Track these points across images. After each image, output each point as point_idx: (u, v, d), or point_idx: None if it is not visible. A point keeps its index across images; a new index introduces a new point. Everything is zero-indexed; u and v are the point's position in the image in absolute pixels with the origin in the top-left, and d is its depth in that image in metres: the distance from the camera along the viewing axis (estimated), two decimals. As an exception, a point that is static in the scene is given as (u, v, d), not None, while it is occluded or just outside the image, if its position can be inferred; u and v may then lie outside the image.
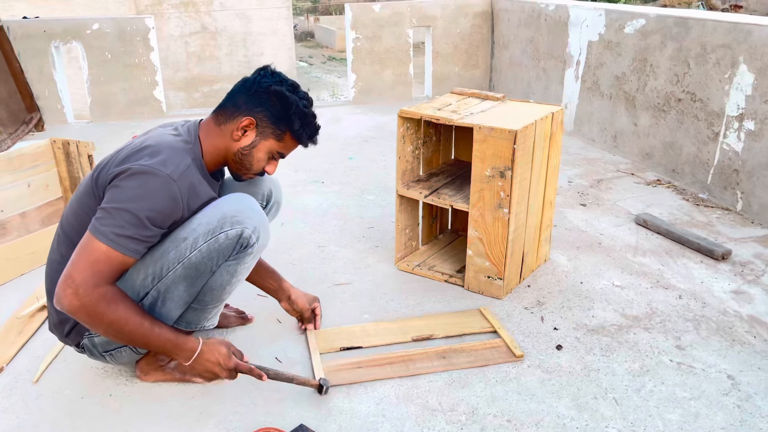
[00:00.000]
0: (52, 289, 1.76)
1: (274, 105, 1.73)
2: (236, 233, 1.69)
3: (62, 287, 1.53)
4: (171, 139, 1.69)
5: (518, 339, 2.15)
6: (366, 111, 5.63)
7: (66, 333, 1.77)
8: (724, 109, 3.28)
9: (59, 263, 1.73)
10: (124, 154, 1.64)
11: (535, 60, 5.25)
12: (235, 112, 1.75)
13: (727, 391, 1.89)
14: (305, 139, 1.81)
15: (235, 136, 1.75)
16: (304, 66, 12.11)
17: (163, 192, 1.58)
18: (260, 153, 1.78)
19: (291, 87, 1.77)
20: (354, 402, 1.84)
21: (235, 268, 1.77)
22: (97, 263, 1.54)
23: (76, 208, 1.71)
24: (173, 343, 1.68)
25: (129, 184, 1.57)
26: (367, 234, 3.02)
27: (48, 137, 2.88)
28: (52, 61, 5.07)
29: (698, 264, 2.68)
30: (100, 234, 1.54)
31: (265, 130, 1.76)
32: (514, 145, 2.18)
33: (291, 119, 1.75)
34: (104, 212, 1.56)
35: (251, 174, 1.84)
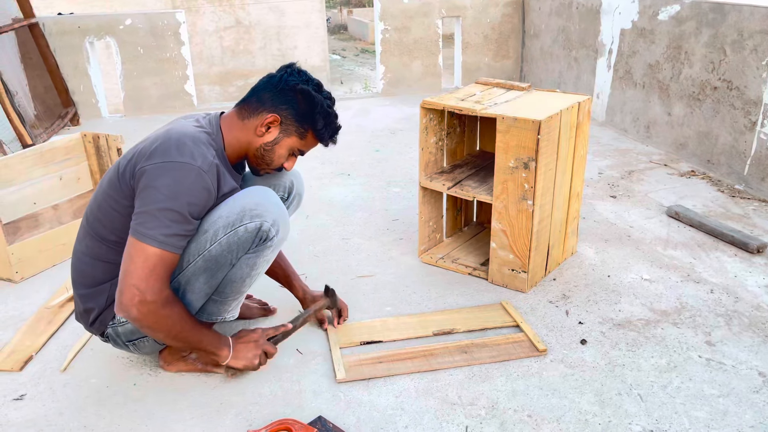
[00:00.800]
0: (78, 278, 1.80)
1: (299, 103, 1.75)
2: (255, 226, 1.70)
3: (128, 297, 1.56)
4: (193, 131, 1.70)
5: (542, 333, 2.12)
6: (395, 103, 5.61)
7: (91, 322, 1.81)
8: (761, 98, 3.17)
9: (84, 254, 1.77)
10: (149, 148, 1.65)
11: (566, 49, 5.15)
12: (259, 107, 1.76)
13: (757, 389, 1.83)
14: (326, 139, 1.83)
15: (258, 131, 1.76)
16: (337, 59, 12.13)
17: (198, 184, 1.61)
18: (282, 149, 1.80)
19: (316, 86, 1.79)
20: (373, 395, 1.83)
21: (254, 261, 1.78)
22: (155, 268, 1.57)
23: (100, 200, 1.74)
24: (217, 340, 1.79)
25: (164, 182, 1.58)
26: (391, 226, 3.01)
27: (83, 131, 2.94)
28: (87, 57, 5.17)
29: (732, 257, 2.60)
30: (149, 239, 1.56)
31: (289, 127, 1.77)
32: (538, 136, 2.14)
33: (315, 118, 1.77)
34: (147, 215, 1.57)
35: (270, 169, 1.85)
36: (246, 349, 1.83)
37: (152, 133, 1.75)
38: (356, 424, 1.72)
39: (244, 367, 1.83)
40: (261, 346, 1.85)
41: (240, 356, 1.82)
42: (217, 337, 1.79)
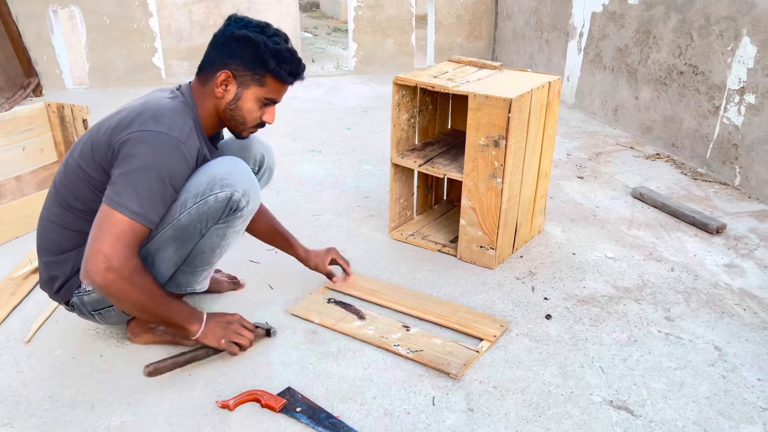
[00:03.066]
0: (43, 245, 1.77)
1: (243, 51, 1.67)
2: (225, 196, 1.69)
3: (93, 263, 1.52)
4: (170, 102, 1.67)
5: (508, 308, 2.16)
6: (366, 81, 5.58)
7: (56, 290, 1.78)
8: (725, 83, 3.24)
9: (50, 221, 1.74)
10: (126, 118, 1.61)
11: (538, 32, 5.18)
12: (211, 68, 1.71)
13: (713, 362, 1.90)
14: (287, 77, 1.72)
15: (217, 93, 1.71)
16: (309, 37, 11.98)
17: (176, 154, 1.59)
18: (247, 104, 1.73)
19: (257, 28, 1.69)
20: (342, 366, 1.85)
21: (224, 232, 1.77)
22: (124, 236, 1.54)
23: (69, 169, 1.70)
24: (187, 313, 1.75)
25: (141, 149, 1.55)
26: (362, 203, 3.02)
27: (46, 101, 2.86)
28: (50, 26, 5.02)
29: (692, 237, 2.68)
30: (122, 207, 1.53)
31: (244, 79, 1.70)
32: (508, 114, 2.17)
33: (265, 60, 1.67)
34: (123, 185, 1.54)
35: (250, 128, 1.79)
36: (218, 328, 1.80)
37: (127, 105, 1.71)
38: (325, 394, 1.74)
39: (214, 344, 1.80)
40: (234, 330, 1.82)
41: (209, 333, 1.79)
42: (189, 311, 1.76)
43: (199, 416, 1.65)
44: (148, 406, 1.68)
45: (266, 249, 2.50)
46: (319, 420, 1.63)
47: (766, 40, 2.97)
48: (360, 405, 1.70)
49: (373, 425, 1.63)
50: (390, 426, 1.63)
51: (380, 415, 1.66)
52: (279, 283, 2.28)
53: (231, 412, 1.66)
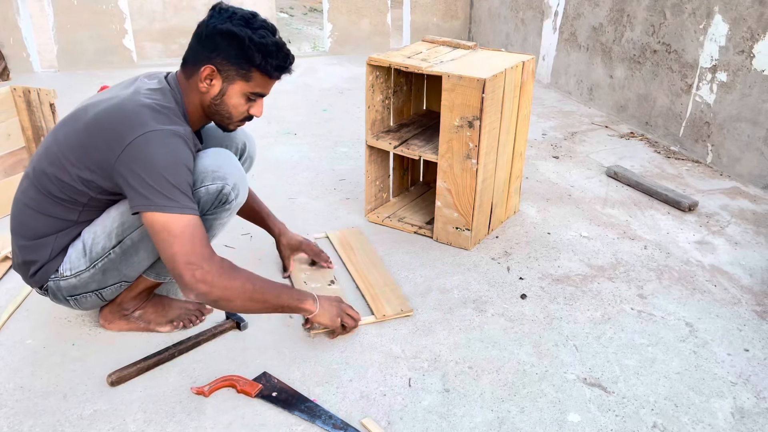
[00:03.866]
0: (18, 229, 1.71)
1: (228, 45, 1.59)
2: (216, 188, 1.67)
3: (188, 275, 1.46)
4: (161, 96, 1.62)
5: (484, 289, 2.17)
6: (342, 62, 5.53)
7: (31, 274, 1.73)
8: (698, 61, 3.27)
9: (26, 206, 1.68)
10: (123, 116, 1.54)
11: (513, 11, 5.16)
12: (195, 62, 1.64)
13: (684, 338, 1.93)
14: (273, 71, 1.65)
15: (201, 87, 1.64)
16: (285, 17, 11.82)
17: (185, 147, 1.56)
18: (232, 99, 1.67)
19: (242, 20, 1.60)
20: (318, 350, 1.85)
21: (211, 223, 1.75)
22: (195, 235, 1.49)
23: (53, 157, 1.61)
24: (297, 293, 1.71)
25: (157, 150, 1.50)
26: (338, 186, 3.00)
27: (12, 85, 2.79)
28: (17, 8, 4.88)
29: (665, 215, 2.71)
30: (174, 208, 1.48)
31: (229, 73, 1.63)
32: (482, 94, 2.16)
33: (250, 55, 1.59)
34: (158, 187, 1.48)
35: (236, 122, 1.73)
36: (333, 308, 1.78)
37: (111, 91, 1.65)
38: (301, 378, 1.73)
39: (329, 323, 1.77)
40: (345, 310, 1.82)
41: (326, 312, 1.76)
42: (297, 290, 1.73)
43: (174, 403, 1.64)
44: (122, 394, 1.66)
45: (241, 234, 2.48)
46: (295, 404, 1.63)
47: (737, 18, 2.99)
48: (336, 388, 1.70)
49: (350, 408, 1.63)
50: (366, 408, 1.63)
51: (356, 398, 1.67)
52: (254, 267, 2.26)
53: (206, 398, 1.65)
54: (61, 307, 1.99)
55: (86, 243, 1.68)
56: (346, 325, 1.82)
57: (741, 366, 1.81)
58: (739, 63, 3.01)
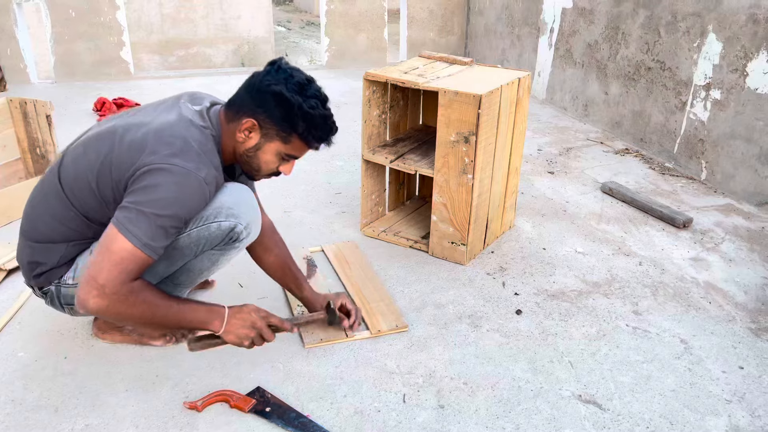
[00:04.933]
0: (30, 231, 1.68)
1: (275, 106, 1.58)
2: (229, 226, 1.66)
3: (86, 289, 1.45)
4: (198, 133, 1.58)
5: (479, 304, 2.17)
6: (339, 76, 5.55)
7: (36, 275, 1.70)
8: (692, 78, 3.29)
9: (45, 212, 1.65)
10: (152, 139, 1.52)
11: (509, 27, 5.20)
12: (239, 111, 1.63)
13: (679, 355, 1.93)
14: (313, 142, 1.64)
15: (239, 137, 1.63)
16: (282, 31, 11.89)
17: (198, 195, 1.53)
18: (266, 155, 1.66)
19: (296, 86, 1.59)
20: (312, 365, 1.84)
21: (218, 258, 1.75)
22: (122, 262, 1.46)
23: (80, 174, 1.59)
24: (205, 312, 1.62)
25: (166, 183, 1.48)
26: (334, 200, 3.00)
27: (9, 97, 2.79)
28: (14, 19, 4.89)
29: (660, 232, 2.72)
30: (131, 235, 1.46)
31: (269, 131, 1.62)
32: (478, 110, 2.17)
33: (294, 122, 1.59)
34: (138, 213, 1.46)
35: (263, 175, 1.72)
36: (240, 326, 1.66)
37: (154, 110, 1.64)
38: (295, 393, 1.72)
39: (232, 343, 1.67)
40: (257, 327, 1.68)
41: (232, 331, 1.65)
42: (205, 310, 1.63)
43: (166, 418, 1.63)
44: (114, 409, 1.65)
45: (236, 247, 2.48)
46: (289, 420, 1.62)
47: (731, 37, 3.03)
48: (330, 404, 1.69)
49: (344, 424, 1.62)
50: (360, 425, 1.62)
51: (351, 414, 1.66)
52: (248, 280, 2.26)
53: (199, 413, 1.64)
54: (53, 320, 1.98)
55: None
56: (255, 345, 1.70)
57: (736, 383, 1.81)
58: (732, 81, 3.03)
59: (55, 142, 2.81)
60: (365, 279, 2.28)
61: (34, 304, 2.08)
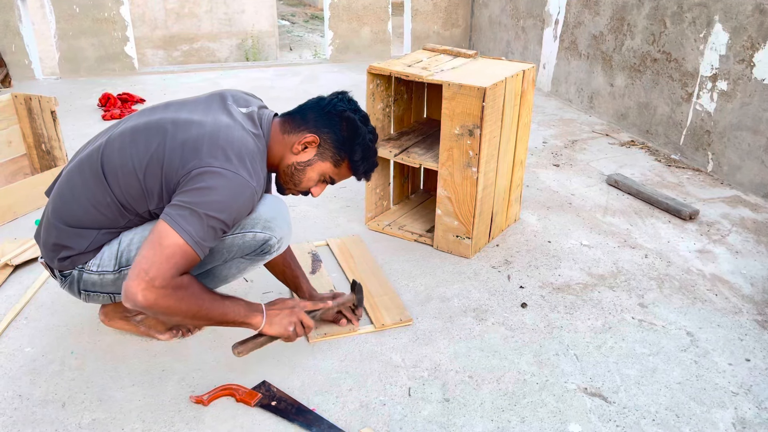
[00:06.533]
0: (63, 212, 1.65)
1: (342, 130, 1.69)
2: (263, 238, 1.69)
3: (135, 282, 1.45)
4: (252, 141, 1.61)
5: (484, 297, 2.17)
6: (343, 69, 5.54)
7: (61, 258, 1.69)
8: (698, 69, 3.27)
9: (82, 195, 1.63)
10: (208, 140, 1.53)
11: (514, 19, 5.18)
12: (302, 125, 1.69)
13: (685, 348, 1.92)
14: (361, 173, 1.76)
15: (295, 149, 1.69)
16: (286, 24, 11.87)
17: (248, 203, 1.56)
18: (313, 173, 1.72)
19: (363, 118, 1.73)
20: (318, 359, 1.84)
21: (246, 266, 1.77)
22: (174, 257, 1.47)
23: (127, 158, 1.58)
24: (246, 308, 1.64)
25: (221, 187, 1.50)
26: (339, 194, 3.00)
27: (14, 93, 2.79)
28: (18, 15, 4.90)
29: (666, 224, 2.71)
30: (184, 231, 1.47)
31: (326, 152, 1.70)
32: (482, 103, 2.16)
33: (354, 149, 1.70)
34: (191, 212, 1.47)
35: (296, 191, 1.77)
36: (281, 316, 1.69)
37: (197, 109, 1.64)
38: (300, 387, 1.73)
39: (279, 334, 1.69)
40: (297, 315, 1.72)
41: (274, 323, 1.68)
42: (245, 306, 1.65)
43: (172, 412, 1.64)
44: (120, 403, 1.66)
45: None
46: (295, 413, 1.62)
47: (737, 27, 3.00)
48: (336, 397, 1.69)
49: (349, 418, 1.63)
50: (366, 418, 1.62)
51: (356, 408, 1.66)
52: (255, 275, 2.26)
53: (205, 407, 1.65)
54: (60, 315, 1.99)
55: (121, 247, 1.67)
56: (298, 334, 1.73)
57: (742, 376, 1.80)
58: (739, 72, 3.01)
59: (60, 137, 2.81)
60: (369, 273, 2.28)
61: (41, 299, 2.09)
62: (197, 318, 1.56)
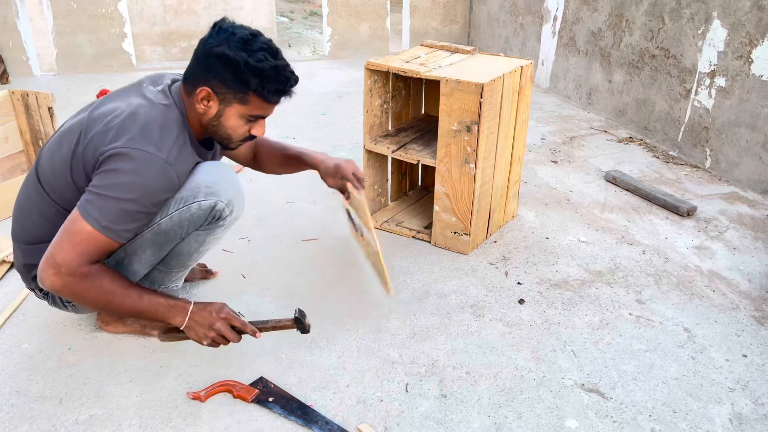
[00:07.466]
0: (21, 233, 1.70)
1: (223, 69, 1.54)
2: (209, 205, 1.65)
3: (44, 267, 1.47)
4: (161, 113, 1.57)
5: (482, 294, 2.17)
6: (341, 66, 5.53)
7: (33, 277, 1.71)
8: (696, 66, 3.27)
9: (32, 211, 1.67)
10: (114, 125, 1.52)
11: (513, 15, 5.17)
12: (193, 81, 1.59)
13: (682, 344, 1.93)
14: (271, 97, 1.59)
15: (199, 108, 1.60)
16: (285, 21, 11.83)
17: (161, 178, 1.52)
18: (230, 121, 1.62)
19: (239, 43, 1.53)
20: (315, 355, 1.84)
21: (204, 238, 1.75)
22: (81, 244, 1.47)
23: (56, 166, 1.60)
24: (165, 306, 1.60)
25: (126, 168, 1.47)
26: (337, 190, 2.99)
27: (11, 89, 2.78)
28: (16, 11, 4.88)
29: (664, 220, 2.71)
30: (90, 217, 1.46)
31: (226, 96, 1.58)
32: (480, 99, 2.16)
33: (245, 80, 1.53)
34: (99, 197, 1.47)
35: (237, 142, 1.69)
36: (202, 324, 1.62)
37: (117, 97, 1.62)
38: (298, 384, 1.73)
39: (194, 340, 1.65)
40: (217, 328, 1.62)
41: (193, 328, 1.63)
42: (168, 304, 1.61)
43: (170, 408, 1.64)
44: (118, 399, 1.66)
45: (239, 238, 2.48)
46: (292, 409, 1.63)
47: (736, 23, 3.00)
48: (333, 393, 1.70)
49: (347, 413, 1.63)
50: (363, 414, 1.63)
51: (353, 404, 1.66)
52: (251, 271, 2.26)
53: (203, 404, 1.65)
54: (57, 311, 1.98)
55: None
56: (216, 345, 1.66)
57: (739, 372, 1.81)
58: (737, 68, 3.01)
59: (58, 134, 2.80)
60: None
61: (38, 295, 2.09)
62: (110, 309, 1.59)
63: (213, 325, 1.63)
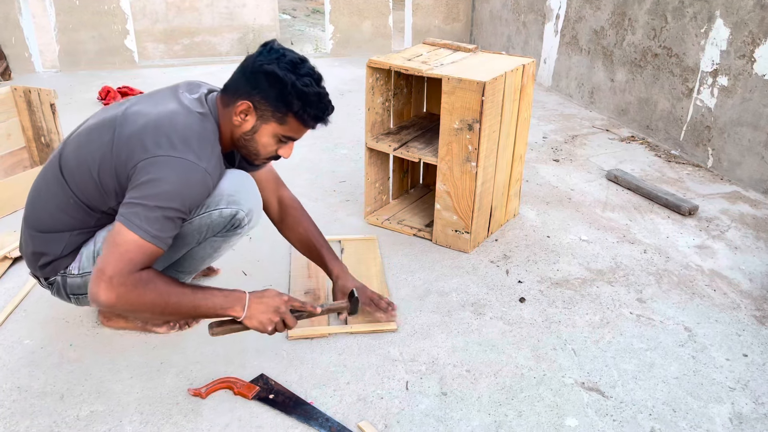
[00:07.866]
0: (33, 220, 1.69)
1: (269, 87, 1.56)
2: (230, 213, 1.67)
3: (95, 283, 1.44)
4: (199, 122, 1.58)
5: (482, 292, 2.17)
6: (344, 64, 5.53)
7: (41, 265, 1.71)
8: (699, 65, 3.26)
9: (48, 201, 1.66)
10: (152, 130, 1.51)
11: (515, 13, 5.16)
12: (235, 94, 1.60)
13: (683, 343, 1.93)
14: (309, 121, 1.61)
15: (235, 121, 1.61)
16: (287, 18, 11.83)
17: (200, 186, 1.53)
18: (264, 138, 1.63)
19: (289, 65, 1.56)
20: (316, 352, 1.85)
21: (219, 245, 1.76)
22: (128, 254, 1.46)
23: (82, 162, 1.59)
24: (222, 298, 1.59)
25: (168, 176, 1.48)
26: (338, 188, 3.00)
27: (13, 85, 2.79)
28: (18, 7, 4.89)
29: (665, 219, 2.71)
30: (135, 227, 1.46)
31: (265, 113, 1.59)
32: (482, 97, 2.15)
33: (289, 101, 1.56)
34: (143, 208, 1.46)
35: (262, 159, 1.69)
36: (264, 311, 1.63)
37: (148, 100, 1.62)
38: (298, 381, 1.73)
39: (255, 328, 1.63)
40: (281, 313, 1.64)
41: (255, 316, 1.62)
42: (223, 296, 1.60)
43: (170, 404, 1.64)
44: (119, 395, 1.66)
45: (240, 235, 2.48)
46: (292, 406, 1.63)
47: (738, 23, 2.99)
48: (333, 390, 1.70)
49: (347, 411, 1.63)
50: (363, 411, 1.63)
51: (354, 401, 1.66)
52: (252, 269, 2.26)
53: (203, 400, 1.65)
54: (58, 307, 1.99)
55: (97, 246, 1.67)
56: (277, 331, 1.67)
57: (740, 371, 1.81)
58: (740, 67, 3.00)
59: (60, 130, 2.81)
60: (372, 278, 2.27)
61: (40, 292, 2.09)
62: (167, 312, 1.54)
63: (278, 310, 1.64)
